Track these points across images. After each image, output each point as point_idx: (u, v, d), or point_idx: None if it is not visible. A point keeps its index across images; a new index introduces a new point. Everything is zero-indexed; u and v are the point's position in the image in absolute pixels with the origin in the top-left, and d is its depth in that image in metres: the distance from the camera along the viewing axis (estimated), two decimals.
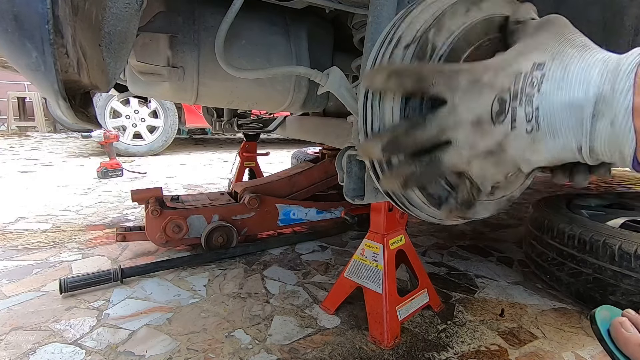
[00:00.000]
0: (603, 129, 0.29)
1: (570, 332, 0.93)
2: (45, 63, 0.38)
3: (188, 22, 0.77)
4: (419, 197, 0.45)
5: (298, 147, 4.76)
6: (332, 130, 1.19)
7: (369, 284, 0.90)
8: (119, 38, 0.53)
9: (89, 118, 0.51)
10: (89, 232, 1.55)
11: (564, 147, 0.32)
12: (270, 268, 1.25)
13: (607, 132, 0.29)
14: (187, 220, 1.29)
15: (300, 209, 1.53)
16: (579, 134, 0.31)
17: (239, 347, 0.83)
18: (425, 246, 1.49)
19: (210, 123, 1.94)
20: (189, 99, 0.87)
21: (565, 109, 0.31)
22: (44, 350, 0.80)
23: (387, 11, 0.57)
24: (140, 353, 0.80)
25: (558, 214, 1.12)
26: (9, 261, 1.24)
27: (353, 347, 0.84)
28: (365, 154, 0.40)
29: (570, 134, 0.31)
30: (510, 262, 1.36)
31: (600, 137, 0.30)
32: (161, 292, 1.06)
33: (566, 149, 0.32)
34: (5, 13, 0.36)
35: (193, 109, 4.27)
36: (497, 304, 1.06)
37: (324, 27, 0.97)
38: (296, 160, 2.61)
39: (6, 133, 5.89)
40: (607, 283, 0.94)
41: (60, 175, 2.76)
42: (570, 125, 0.31)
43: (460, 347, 0.86)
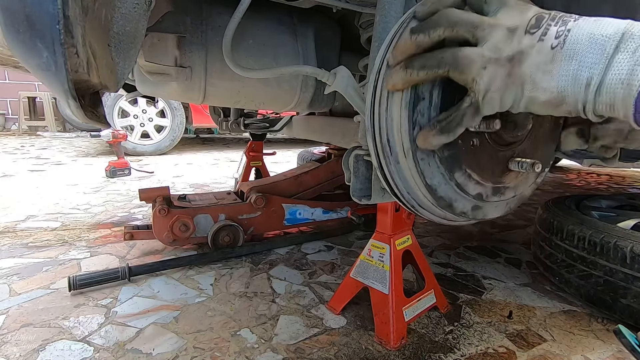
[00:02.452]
0: (621, 61, 0.31)
1: (580, 335, 0.92)
2: (56, 63, 0.38)
3: (196, 22, 0.77)
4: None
5: (304, 146, 4.77)
6: (339, 130, 1.19)
7: (375, 285, 0.90)
8: (127, 38, 0.53)
9: (98, 117, 0.52)
10: (98, 230, 1.56)
11: (575, 77, 0.33)
12: (277, 267, 1.25)
13: (624, 63, 0.30)
14: (194, 219, 1.29)
15: (307, 208, 1.53)
16: (598, 62, 0.32)
17: (245, 346, 0.84)
18: (432, 247, 1.48)
19: (217, 123, 1.95)
20: (197, 99, 0.88)
21: (594, 36, 0.32)
22: (53, 347, 0.81)
23: (394, 10, 0.56)
24: (147, 351, 0.81)
25: (568, 215, 1.11)
26: (19, 258, 1.26)
27: (359, 348, 0.84)
28: (396, 48, 0.41)
29: (588, 60, 0.32)
30: (519, 264, 1.34)
31: (615, 68, 0.31)
32: (168, 291, 1.07)
33: (577, 79, 0.33)
34: (16, 13, 0.37)
35: (200, 109, 4.29)
36: (505, 305, 1.05)
37: (331, 27, 0.97)
38: (302, 160, 2.61)
39: (17, 132, 5.99)
40: (618, 286, 0.92)
41: (69, 174, 2.80)
42: (593, 51, 0.32)
43: (467, 349, 0.85)
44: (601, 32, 0.32)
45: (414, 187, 0.46)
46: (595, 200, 1.35)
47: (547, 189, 2.67)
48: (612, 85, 0.31)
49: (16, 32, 0.38)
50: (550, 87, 0.34)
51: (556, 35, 0.34)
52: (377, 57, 0.47)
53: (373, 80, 0.47)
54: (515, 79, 0.36)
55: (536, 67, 0.34)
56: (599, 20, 0.33)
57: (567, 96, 0.34)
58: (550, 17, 0.35)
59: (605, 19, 0.33)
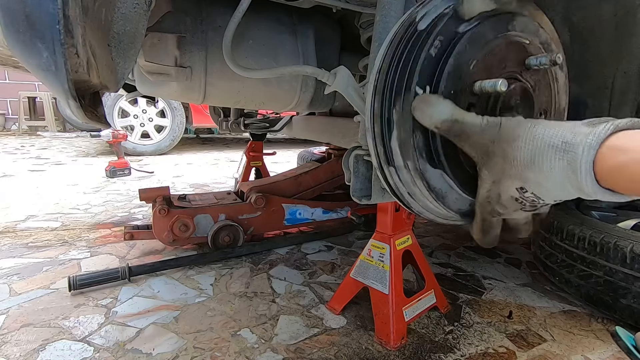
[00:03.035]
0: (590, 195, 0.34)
1: (580, 335, 0.92)
2: (56, 63, 0.38)
3: (196, 22, 0.77)
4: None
5: (304, 146, 4.77)
6: (339, 130, 1.19)
7: (375, 285, 0.90)
8: (127, 38, 0.53)
9: (98, 117, 0.52)
10: (98, 230, 1.56)
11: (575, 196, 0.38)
12: (277, 267, 1.25)
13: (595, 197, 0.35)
14: (194, 219, 1.29)
15: (307, 208, 1.53)
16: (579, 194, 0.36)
17: (245, 346, 0.84)
18: (432, 247, 1.48)
19: (217, 123, 1.95)
20: (197, 99, 0.88)
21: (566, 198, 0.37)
22: (54, 346, 0.81)
23: (394, 10, 0.56)
24: (147, 351, 0.81)
25: (568, 215, 1.11)
26: (19, 259, 1.26)
27: (359, 348, 0.84)
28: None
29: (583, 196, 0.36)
30: (518, 264, 1.34)
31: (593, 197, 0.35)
32: (168, 291, 1.07)
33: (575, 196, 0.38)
34: (17, 13, 0.37)
35: (200, 109, 4.29)
36: (505, 305, 1.05)
37: (331, 27, 0.96)
38: (302, 160, 2.61)
39: (17, 132, 5.99)
40: (618, 286, 0.92)
41: (69, 174, 2.80)
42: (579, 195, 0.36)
43: (467, 349, 0.85)
44: (567, 195, 0.36)
45: (414, 187, 0.46)
46: (595, 200, 1.35)
47: None
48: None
49: (16, 32, 0.38)
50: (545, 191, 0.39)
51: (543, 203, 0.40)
52: (377, 57, 0.47)
53: (373, 80, 0.47)
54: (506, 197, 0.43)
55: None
56: (549, 190, 0.36)
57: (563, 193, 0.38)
58: (529, 207, 0.41)
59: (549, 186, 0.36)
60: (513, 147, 0.37)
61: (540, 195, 0.38)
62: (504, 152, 0.38)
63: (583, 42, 0.79)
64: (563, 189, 0.35)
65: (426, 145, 0.43)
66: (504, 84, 0.40)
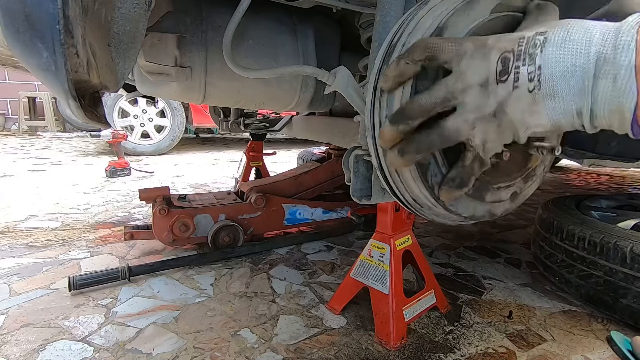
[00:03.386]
0: (605, 88, 0.29)
1: (580, 335, 0.92)
2: (56, 63, 0.38)
3: (196, 22, 0.77)
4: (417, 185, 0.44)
5: (304, 146, 4.77)
6: (339, 130, 1.19)
7: (375, 285, 0.90)
8: (127, 38, 0.53)
9: (98, 117, 0.52)
10: (98, 230, 1.56)
11: (564, 111, 0.32)
12: (277, 267, 1.25)
13: (609, 91, 0.29)
14: (194, 219, 1.29)
15: (307, 208, 1.53)
16: (581, 95, 0.31)
17: (245, 346, 0.84)
18: (432, 247, 1.48)
19: (217, 123, 1.95)
20: (197, 99, 0.88)
21: (567, 69, 0.30)
22: (53, 347, 0.81)
23: (394, 10, 0.56)
24: (147, 351, 0.81)
25: (568, 215, 1.11)
26: (19, 259, 1.26)
27: (359, 348, 0.84)
28: (381, 136, 0.41)
29: (571, 95, 0.31)
30: (518, 264, 1.34)
31: (602, 97, 0.30)
32: (168, 291, 1.07)
33: (566, 112, 0.32)
34: (16, 13, 0.37)
35: (200, 109, 4.29)
36: (505, 305, 1.05)
37: (331, 27, 0.97)
38: (302, 160, 2.61)
39: (17, 132, 5.99)
40: (618, 286, 0.92)
41: (69, 174, 2.80)
42: (572, 85, 0.31)
43: (467, 349, 0.85)
44: (573, 61, 0.30)
45: (415, 187, 0.46)
46: (596, 200, 1.35)
47: (547, 189, 2.68)
48: (605, 115, 0.30)
49: (16, 32, 0.38)
50: (542, 123, 0.34)
51: (529, 78, 0.32)
52: (377, 57, 0.47)
53: (373, 80, 0.47)
54: (506, 126, 0.36)
55: (522, 112, 0.34)
56: (567, 43, 0.31)
57: (562, 125, 0.33)
58: (515, 56, 0.33)
59: (574, 37, 0.31)
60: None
61: (549, 42, 0.32)
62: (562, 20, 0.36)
63: None
64: (584, 44, 0.30)
65: None
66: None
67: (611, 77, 0.28)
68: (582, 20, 0.32)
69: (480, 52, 0.35)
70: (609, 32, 0.29)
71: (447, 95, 0.36)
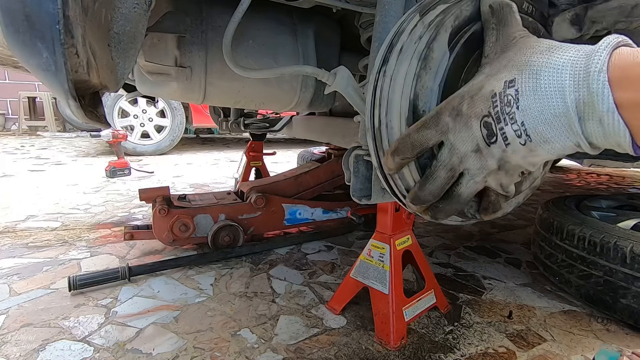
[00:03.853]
0: (594, 128, 0.30)
1: (579, 335, 0.92)
2: (56, 63, 0.38)
3: (196, 22, 0.77)
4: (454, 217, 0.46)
5: (304, 146, 4.77)
6: (339, 130, 1.19)
7: (375, 285, 0.90)
8: (127, 38, 0.53)
9: (98, 117, 0.52)
10: (98, 230, 1.56)
11: (563, 147, 0.33)
12: (277, 267, 1.25)
13: (600, 130, 0.29)
14: (194, 219, 1.29)
15: (307, 208, 1.53)
16: (573, 135, 0.31)
17: (245, 346, 0.84)
18: (432, 247, 1.48)
19: (217, 123, 1.95)
20: (197, 99, 0.88)
21: (550, 119, 0.31)
22: (53, 347, 0.81)
23: (394, 10, 0.56)
24: (147, 351, 0.81)
25: (568, 215, 1.11)
26: (19, 259, 1.26)
27: (359, 348, 0.84)
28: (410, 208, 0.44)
29: (564, 137, 0.32)
30: (518, 264, 1.34)
31: (594, 134, 0.30)
32: (168, 291, 1.07)
33: (565, 148, 0.33)
34: (16, 13, 0.37)
35: (200, 109, 4.29)
36: (505, 305, 1.05)
37: (331, 27, 0.96)
38: (302, 160, 2.61)
39: (17, 132, 5.99)
40: (618, 286, 0.92)
41: (69, 174, 2.80)
42: (561, 131, 0.31)
43: (467, 349, 0.85)
44: (553, 111, 0.31)
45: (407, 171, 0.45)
46: (595, 200, 1.35)
47: (547, 189, 2.67)
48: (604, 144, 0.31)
49: (16, 32, 0.38)
50: (546, 157, 0.35)
51: (517, 135, 0.33)
52: (377, 57, 0.47)
53: (373, 80, 0.47)
54: (514, 170, 0.37)
55: (523, 158, 0.35)
56: (539, 93, 0.31)
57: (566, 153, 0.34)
58: (495, 120, 0.34)
59: (544, 84, 0.31)
60: (540, 41, 0.35)
61: (522, 95, 0.32)
62: (525, 43, 0.35)
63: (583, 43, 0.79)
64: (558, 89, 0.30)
65: (457, 30, 0.43)
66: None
67: (597, 119, 0.29)
68: (547, 54, 0.32)
69: (460, 123, 0.36)
70: (579, 74, 0.29)
71: (449, 173, 0.38)
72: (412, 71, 0.42)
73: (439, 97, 0.42)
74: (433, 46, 0.42)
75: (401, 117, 0.43)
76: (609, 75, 0.28)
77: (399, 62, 0.44)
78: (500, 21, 0.39)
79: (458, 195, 0.39)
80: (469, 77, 0.41)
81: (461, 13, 0.42)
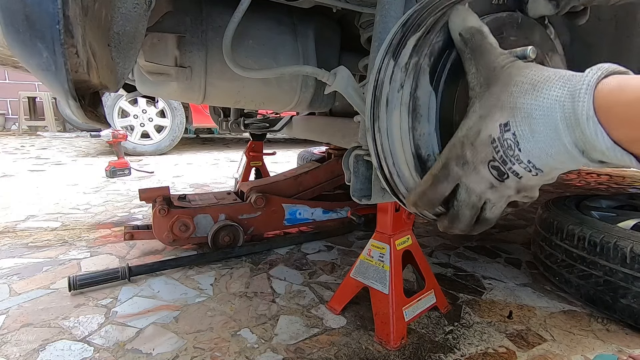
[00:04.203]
0: (599, 157, 0.31)
1: (580, 335, 0.92)
2: (56, 63, 0.38)
3: (196, 22, 0.77)
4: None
5: (304, 146, 4.77)
6: (339, 130, 1.19)
7: (375, 285, 0.90)
8: (127, 38, 0.53)
9: (98, 117, 0.52)
10: (98, 230, 1.56)
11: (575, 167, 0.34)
12: (277, 267, 1.25)
13: (604, 157, 0.31)
14: (194, 219, 1.29)
15: (307, 208, 1.53)
16: (580, 162, 0.33)
17: (245, 346, 0.84)
18: (432, 247, 1.48)
19: (217, 123, 1.95)
20: (197, 99, 0.88)
21: (554, 154, 0.33)
22: (54, 347, 0.81)
23: (394, 10, 0.56)
24: (147, 351, 0.81)
25: (568, 215, 1.11)
26: (19, 259, 1.26)
27: (359, 348, 0.84)
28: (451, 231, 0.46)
29: (573, 164, 0.33)
30: (518, 264, 1.34)
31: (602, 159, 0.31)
32: (168, 291, 1.07)
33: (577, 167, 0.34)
34: (16, 13, 0.37)
35: (200, 109, 4.29)
36: (505, 305, 1.05)
37: (331, 27, 0.96)
38: (302, 160, 2.61)
39: (17, 132, 5.99)
40: (618, 286, 0.92)
41: (69, 174, 2.80)
42: (568, 161, 0.33)
43: (467, 349, 0.85)
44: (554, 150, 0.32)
45: (396, 115, 0.45)
46: (595, 200, 1.35)
47: (547, 189, 2.67)
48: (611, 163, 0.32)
49: (16, 32, 0.38)
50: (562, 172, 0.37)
51: (527, 170, 0.35)
52: (377, 57, 0.47)
53: (373, 80, 0.47)
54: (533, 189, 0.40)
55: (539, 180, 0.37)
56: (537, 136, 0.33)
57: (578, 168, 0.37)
58: (501, 162, 0.36)
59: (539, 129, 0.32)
60: (521, 73, 0.35)
61: (520, 139, 0.34)
62: (508, 77, 0.36)
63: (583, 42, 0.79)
64: (552, 128, 0.31)
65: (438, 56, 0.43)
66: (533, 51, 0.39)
67: (599, 152, 0.30)
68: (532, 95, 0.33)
69: (469, 169, 0.37)
70: (570, 118, 0.30)
71: (473, 210, 0.40)
72: (405, 124, 0.43)
73: (439, 138, 0.43)
74: (417, 94, 0.42)
75: (409, 166, 0.44)
76: (599, 119, 0.29)
77: (389, 115, 0.44)
78: (474, 51, 0.39)
79: (486, 220, 0.41)
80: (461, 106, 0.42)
81: (434, 48, 0.42)
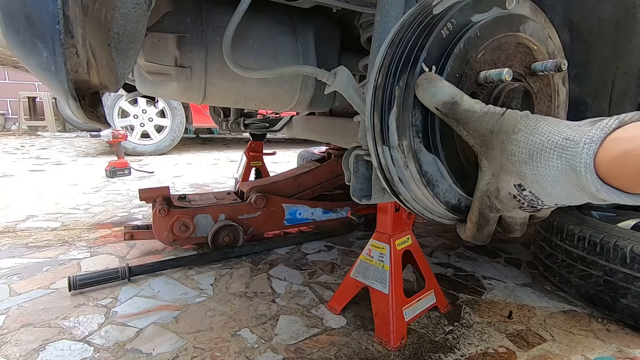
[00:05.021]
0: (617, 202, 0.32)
1: (580, 335, 0.92)
2: (56, 63, 0.38)
3: (196, 22, 0.77)
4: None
5: (304, 146, 4.76)
6: (339, 130, 1.19)
7: (375, 285, 0.90)
8: (127, 38, 0.53)
9: (98, 117, 0.52)
10: (98, 230, 1.56)
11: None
12: (277, 267, 1.25)
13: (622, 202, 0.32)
14: (194, 219, 1.29)
15: (307, 208, 1.53)
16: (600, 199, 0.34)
17: (245, 346, 0.84)
18: (432, 247, 1.48)
19: (217, 123, 1.95)
20: (197, 99, 0.88)
21: (573, 199, 0.34)
22: (54, 347, 0.81)
23: (394, 10, 0.56)
24: (147, 351, 0.81)
25: (568, 215, 1.11)
26: (19, 259, 1.26)
27: (359, 348, 0.84)
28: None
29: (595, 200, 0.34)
30: (519, 264, 1.34)
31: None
32: (168, 291, 1.07)
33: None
34: (17, 13, 0.37)
35: (200, 109, 4.29)
36: (505, 305, 1.05)
37: (331, 27, 0.96)
38: (302, 160, 2.61)
39: (17, 132, 5.99)
40: (618, 286, 0.92)
41: (69, 174, 2.80)
42: (590, 200, 0.34)
43: (467, 349, 0.85)
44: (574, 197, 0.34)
45: (415, 188, 0.46)
46: None
47: None
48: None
49: (16, 32, 0.38)
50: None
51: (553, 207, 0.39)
52: (377, 57, 0.47)
53: (373, 80, 0.47)
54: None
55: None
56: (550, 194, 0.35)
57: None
58: (529, 207, 0.39)
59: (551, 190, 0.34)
60: (511, 140, 0.35)
61: (538, 196, 0.36)
62: (502, 145, 0.36)
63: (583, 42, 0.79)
64: (564, 189, 0.33)
65: (424, 126, 0.43)
66: (509, 73, 0.40)
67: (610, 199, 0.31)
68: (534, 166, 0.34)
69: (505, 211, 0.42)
70: (578, 185, 0.31)
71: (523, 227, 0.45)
72: (427, 193, 0.45)
73: (458, 185, 0.45)
74: (425, 169, 0.44)
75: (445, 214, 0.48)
76: (608, 183, 0.30)
77: (408, 189, 0.47)
78: (458, 120, 0.40)
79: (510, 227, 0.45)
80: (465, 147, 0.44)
81: (418, 124, 0.43)
